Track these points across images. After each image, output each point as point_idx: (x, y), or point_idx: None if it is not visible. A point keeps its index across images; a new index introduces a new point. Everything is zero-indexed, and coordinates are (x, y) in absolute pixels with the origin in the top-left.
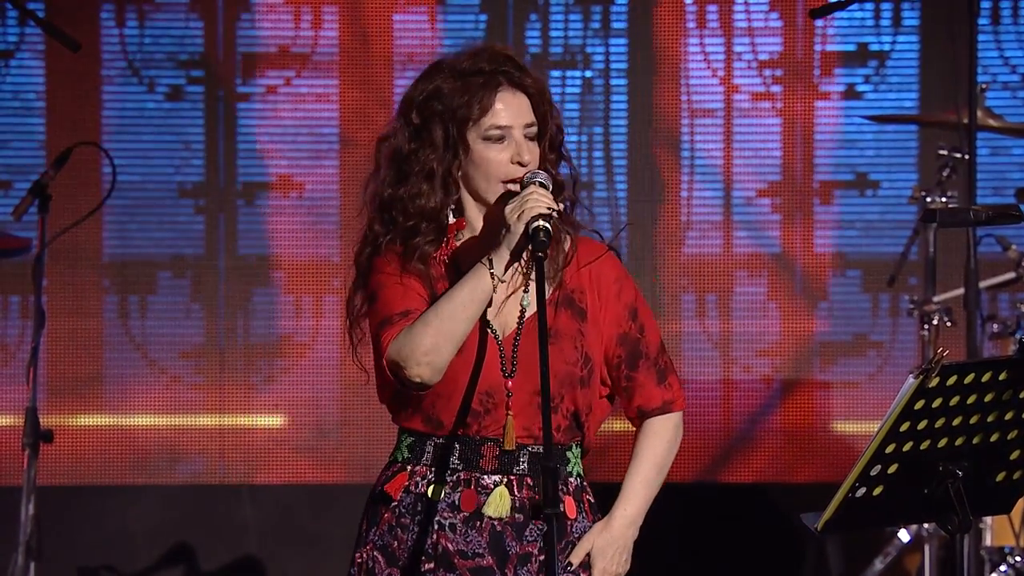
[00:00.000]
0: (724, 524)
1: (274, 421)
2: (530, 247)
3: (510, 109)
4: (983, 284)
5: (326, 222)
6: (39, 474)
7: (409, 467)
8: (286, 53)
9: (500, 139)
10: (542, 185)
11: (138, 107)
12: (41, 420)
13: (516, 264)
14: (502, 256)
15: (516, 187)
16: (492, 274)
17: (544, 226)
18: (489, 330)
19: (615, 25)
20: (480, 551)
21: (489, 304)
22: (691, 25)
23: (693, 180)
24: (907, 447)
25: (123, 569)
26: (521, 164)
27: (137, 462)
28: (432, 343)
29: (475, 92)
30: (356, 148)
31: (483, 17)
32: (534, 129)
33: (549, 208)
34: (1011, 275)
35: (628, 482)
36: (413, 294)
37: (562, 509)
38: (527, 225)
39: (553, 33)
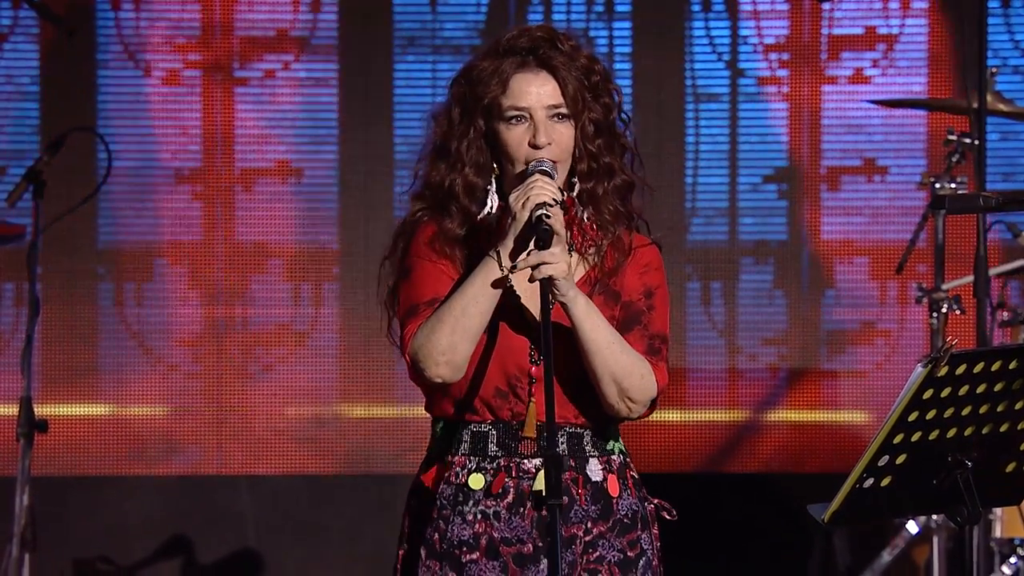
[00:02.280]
0: (729, 515)
1: (271, 410)
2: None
3: (529, 90)
4: (993, 271)
5: (325, 208)
6: (34, 464)
7: (447, 457)
8: (284, 37)
9: (520, 120)
10: (546, 173)
11: (134, 92)
12: (36, 409)
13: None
14: (508, 245)
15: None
16: (500, 264)
17: (547, 214)
18: (520, 309)
19: (619, 8)
20: (523, 537)
21: (507, 287)
22: (696, 8)
23: (698, 166)
24: (916, 437)
25: (119, 560)
26: (536, 146)
27: (133, 452)
28: (448, 342)
29: (496, 74)
30: (355, 133)
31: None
32: (561, 110)
33: (552, 197)
34: (1021, 262)
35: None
36: (445, 279)
37: (565, 500)
38: (531, 214)
39: (556, 16)
